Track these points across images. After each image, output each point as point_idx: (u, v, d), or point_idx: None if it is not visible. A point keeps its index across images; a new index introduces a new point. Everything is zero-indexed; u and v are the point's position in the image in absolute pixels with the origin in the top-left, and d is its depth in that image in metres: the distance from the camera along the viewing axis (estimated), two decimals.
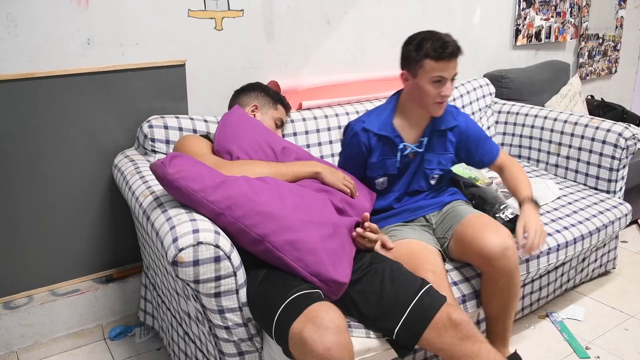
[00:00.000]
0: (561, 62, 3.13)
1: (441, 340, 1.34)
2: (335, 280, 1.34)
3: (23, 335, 1.87)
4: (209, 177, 1.32)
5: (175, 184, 1.29)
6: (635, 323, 2.07)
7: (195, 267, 1.22)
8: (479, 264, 1.63)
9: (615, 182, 2.23)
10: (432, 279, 1.48)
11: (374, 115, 1.78)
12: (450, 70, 1.63)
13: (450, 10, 2.68)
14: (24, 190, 1.79)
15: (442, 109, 1.70)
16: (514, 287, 1.62)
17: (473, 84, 2.61)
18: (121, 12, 1.80)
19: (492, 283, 1.61)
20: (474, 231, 1.61)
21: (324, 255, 1.34)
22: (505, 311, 1.66)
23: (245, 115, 1.74)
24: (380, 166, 1.77)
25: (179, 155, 1.34)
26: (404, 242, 1.65)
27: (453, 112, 1.79)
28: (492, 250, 1.54)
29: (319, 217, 1.42)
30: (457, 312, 1.37)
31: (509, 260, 1.56)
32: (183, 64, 1.96)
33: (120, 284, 2.01)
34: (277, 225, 1.32)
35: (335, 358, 1.15)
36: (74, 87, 1.78)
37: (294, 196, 1.42)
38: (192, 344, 1.56)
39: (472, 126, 1.82)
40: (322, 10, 2.25)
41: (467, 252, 1.64)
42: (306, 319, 1.19)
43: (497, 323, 1.69)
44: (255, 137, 1.66)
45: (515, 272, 1.59)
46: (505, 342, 1.72)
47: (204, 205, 1.29)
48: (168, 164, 1.30)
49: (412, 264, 1.54)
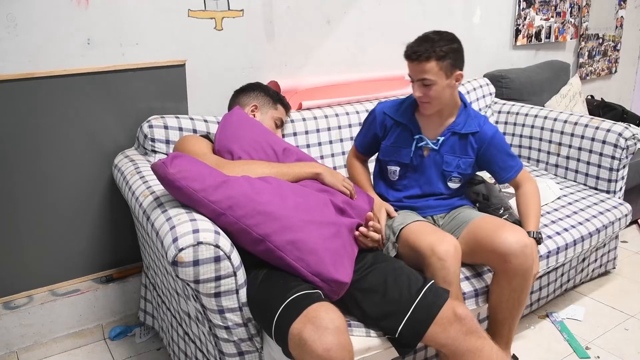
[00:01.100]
0: (561, 62, 3.13)
1: (445, 335, 1.34)
2: (336, 280, 1.34)
3: (23, 335, 1.87)
4: (210, 176, 1.32)
5: (177, 183, 1.29)
6: (635, 323, 2.07)
7: (195, 267, 1.22)
8: (494, 263, 1.60)
9: (615, 182, 2.23)
10: (452, 252, 1.50)
11: (399, 102, 1.84)
12: (417, 73, 1.64)
13: (450, 10, 2.68)
14: (24, 190, 1.79)
15: (426, 109, 1.71)
16: (526, 290, 1.61)
17: (473, 84, 2.61)
18: (121, 12, 1.80)
19: (505, 283, 1.59)
20: (488, 230, 1.60)
21: (325, 255, 1.34)
22: (512, 315, 1.65)
23: (245, 115, 1.74)
24: (393, 152, 1.80)
25: (180, 155, 1.34)
26: (415, 224, 1.65)
27: (480, 120, 1.78)
28: (510, 247, 1.53)
29: (320, 217, 1.42)
30: (462, 307, 1.37)
31: (527, 258, 1.54)
32: (183, 64, 1.96)
33: (120, 284, 2.01)
34: (279, 225, 1.32)
35: (334, 359, 1.15)
36: (74, 87, 1.78)
37: (295, 196, 1.42)
38: (192, 344, 1.57)
39: (499, 137, 1.79)
40: (322, 10, 2.25)
41: (481, 252, 1.61)
42: (306, 320, 1.19)
43: (503, 326, 1.67)
44: (256, 137, 1.66)
45: (530, 272, 1.57)
46: (508, 346, 1.71)
47: (205, 205, 1.29)
48: (169, 164, 1.30)
49: (434, 236, 1.54)
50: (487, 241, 1.58)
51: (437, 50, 1.60)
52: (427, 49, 1.60)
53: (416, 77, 1.65)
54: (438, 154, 1.76)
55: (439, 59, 1.60)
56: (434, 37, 1.63)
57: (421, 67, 1.62)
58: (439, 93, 1.65)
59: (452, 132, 1.75)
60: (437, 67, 1.61)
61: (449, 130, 1.75)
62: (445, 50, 1.61)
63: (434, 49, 1.60)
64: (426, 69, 1.61)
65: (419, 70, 1.63)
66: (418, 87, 1.66)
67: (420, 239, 1.55)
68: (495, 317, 1.67)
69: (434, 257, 1.49)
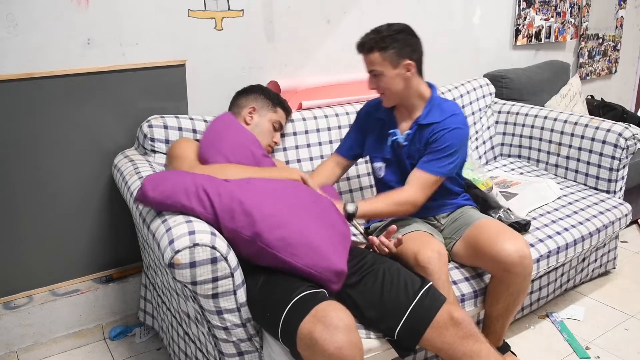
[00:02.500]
0: (561, 62, 3.13)
1: (442, 340, 1.34)
2: (333, 269, 1.33)
3: (23, 335, 1.87)
4: (192, 186, 1.31)
5: (164, 205, 1.30)
6: (635, 323, 2.07)
7: (192, 269, 1.22)
8: (494, 270, 1.61)
9: (615, 182, 2.23)
10: (436, 258, 1.49)
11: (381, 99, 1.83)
12: (366, 65, 1.69)
13: (450, 10, 2.68)
14: (24, 190, 1.79)
15: (384, 101, 1.74)
16: (523, 293, 1.63)
17: (473, 84, 2.61)
18: (121, 12, 1.80)
19: (503, 288, 1.60)
20: (489, 236, 1.60)
21: (317, 246, 1.34)
22: (508, 313, 1.67)
23: (232, 120, 1.75)
24: (376, 147, 1.82)
25: (152, 178, 1.35)
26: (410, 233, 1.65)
27: (446, 111, 1.71)
28: (509, 256, 1.53)
29: (306, 209, 1.42)
30: (459, 311, 1.37)
31: (525, 268, 1.56)
32: (183, 64, 1.96)
33: (120, 284, 2.01)
34: (266, 224, 1.31)
35: (346, 357, 1.15)
36: (74, 87, 1.77)
37: (278, 193, 1.42)
38: (192, 344, 1.57)
39: (448, 135, 1.67)
40: (322, 10, 2.25)
41: (480, 257, 1.62)
42: (315, 319, 1.19)
43: (497, 323, 1.69)
44: (236, 140, 1.67)
45: (528, 279, 1.59)
46: (499, 338, 1.74)
47: (201, 215, 1.30)
48: (147, 189, 1.30)
49: (417, 243, 1.54)
50: (487, 248, 1.58)
51: (379, 41, 1.64)
52: (370, 40, 1.65)
53: (367, 69, 1.70)
54: (408, 147, 1.76)
55: (382, 49, 1.64)
56: (381, 28, 1.67)
57: (367, 58, 1.67)
58: (388, 84, 1.67)
59: (417, 124, 1.74)
60: (381, 58, 1.64)
61: (415, 123, 1.74)
62: (387, 41, 1.63)
63: (376, 40, 1.64)
64: (371, 60, 1.66)
65: (367, 62, 1.68)
66: (370, 78, 1.71)
67: (405, 247, 1.56)
68: (490, 314, 1.69)
69: (417, 265, 1.51)
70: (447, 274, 1.54)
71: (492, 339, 1.66)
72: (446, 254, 1.58)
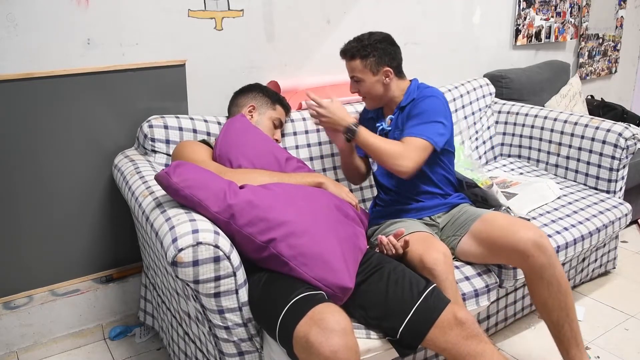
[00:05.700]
0: (561, 62, 3.13)
1: (445, 339, 1.33)
2: (340, 286, 1.34)
3: (23, 335, 1.87)
4: (214, 185, 1.33)
5: (181, 193, 1.30)
6: (635, 323, 2.07)
7: (194, 268, 1.22)
8: (516, 260, 1.59)
9: (615, 182, 2.23)
10: (442, 260, 1.49)
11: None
12: (348, 71, 1.79)
13: (450, 10, 2.68)
14: (24, 190, 1.79)
15: (367, 104, 1.87)
16: (562, 278, 1.57)
17: (473, 84, 2.61)
18: (121, 12, 1.80)
19: (537, 279, 1.57)
20: (502, 226, 1.60)
21: (329, 260, 1.35)
22: (565, 309, 1.59)
23: (248, 123, 1.75)
24: None
25: (182, 164, 1.35)
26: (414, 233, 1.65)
27: (422, 90, 1.80)
28: (528, 240, 1.53)
29: (325, 221, 1.42)
30: (463, 311, 1.37)
31: (547, 248, 1.55)
32: (183, 64, 1.96)
33: (120, 284, 2.01)
34: (282, 232, 1.32)
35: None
36: (74, 87, 1.78)
37: (298, 200, 1.42)
38: (192, 344, 1.57)
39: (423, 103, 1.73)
40: (322, 10, 2.25)
41: (497, 251, 1.61)
42: (311, 322, 1.19)
43: (563, 327, 1.60)
44: (258, 145, 1.67)
45: (557, 261, 1.57)
46: (580, 347, 1.62)
47: (209, 214, 1.30)
48: (172, 173, 1.30)
49: (422, 244, 1.54)
50: (503, 240, 1.58)
51: (361, 49, 1.72)
52: (352, 48, 1.74)
53: (349, 75, 1.79)
54: (393, 131, 1.82)
55: (362, 57, 1.73)
56: (363, 37, 1.75)
57: (349, 65, 1.77)
58: (368, 89, 1.77)
59: (399, 108, 1.82)
60: (362, 65, 1.74)
61: (397, 108, 1.82)
62: (368, 50, 1.72)
63: (357, 48, 1.73)
64: (353, 67, 1.76)
65: (349, 68, 1.78)
66: (351, 83, 1.81)
67: (409, 249, 1.55)
68: (550, 320, 1.61)
69: (423, 267, 1.50)
70: (453, 275, 1.54)
71: (573, 350, 1.59)
72: (451, 255, 1.58)
